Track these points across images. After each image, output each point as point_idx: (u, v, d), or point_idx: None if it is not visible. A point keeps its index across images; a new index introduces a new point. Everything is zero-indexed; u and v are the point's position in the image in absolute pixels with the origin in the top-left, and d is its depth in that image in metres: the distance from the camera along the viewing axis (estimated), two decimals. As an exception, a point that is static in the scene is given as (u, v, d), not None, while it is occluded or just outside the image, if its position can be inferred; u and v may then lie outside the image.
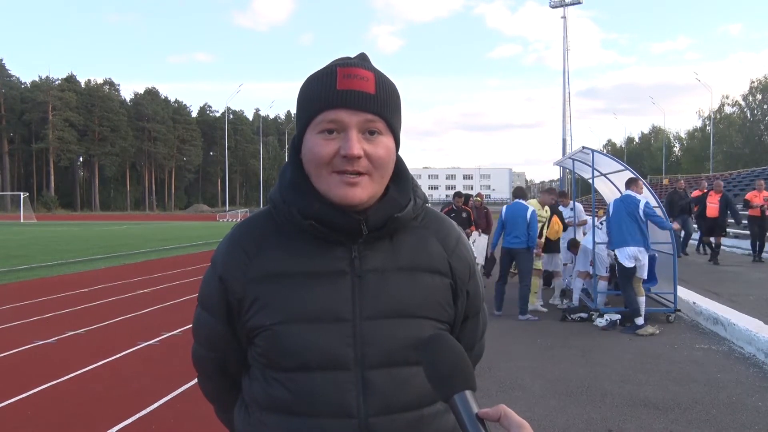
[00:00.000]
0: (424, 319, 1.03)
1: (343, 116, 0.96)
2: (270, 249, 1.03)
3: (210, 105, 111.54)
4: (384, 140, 0.99)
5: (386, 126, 1.00)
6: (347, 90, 0.96)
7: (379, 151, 0.98)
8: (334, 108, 0.96)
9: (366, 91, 0.97)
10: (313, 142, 0.98)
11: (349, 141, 0.95)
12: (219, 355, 1.10)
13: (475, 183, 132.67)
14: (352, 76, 0.97)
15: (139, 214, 76.33)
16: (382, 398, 0.99)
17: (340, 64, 0.99)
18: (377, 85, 0.99)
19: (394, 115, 1.01)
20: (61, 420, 3.98)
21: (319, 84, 0.98)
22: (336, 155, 0.96)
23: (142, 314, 7.71)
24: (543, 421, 3.94)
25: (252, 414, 1.05)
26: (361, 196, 0.97)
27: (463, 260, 1.10)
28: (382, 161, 0.99)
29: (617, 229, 6.67)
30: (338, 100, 0.96)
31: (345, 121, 0.96)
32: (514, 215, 7.55)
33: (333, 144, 0.96)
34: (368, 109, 0.97)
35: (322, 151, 0.96)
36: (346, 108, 0.96)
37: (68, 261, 14.62)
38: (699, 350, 5.78)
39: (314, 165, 0.98)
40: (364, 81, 0.97)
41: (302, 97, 1.01)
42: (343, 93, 0.96)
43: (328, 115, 0.96)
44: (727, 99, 71.17)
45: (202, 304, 1.09)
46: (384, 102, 0.99)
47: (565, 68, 63.34)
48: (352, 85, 0.96)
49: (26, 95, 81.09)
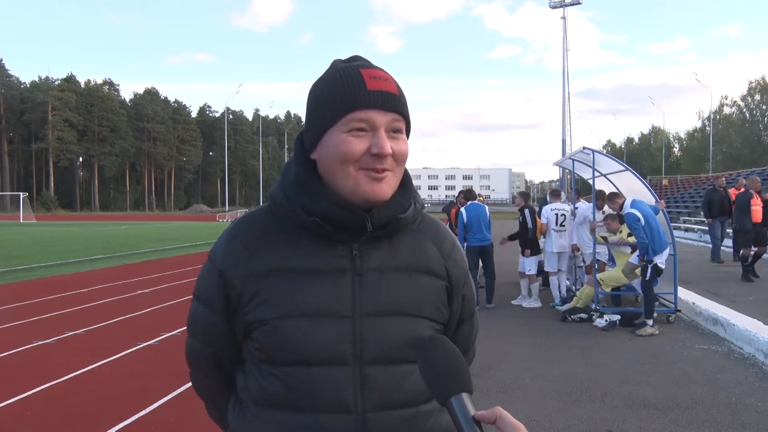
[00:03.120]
0: (421, 318, 1.05)
1: (374, 116, 0.99)
2: (270, 244, 1.04)
3: (210, 105, 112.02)
4: (404, 138, 1.04)
5: (405, 125, 1.04)
6: (378, 91, 1.00)
7: (403, 148, 1.02)
8: (365, 108, 0.99)
9: (392, 92, 1.01)
10: (341, 139, 0.99)
11: (381, 140, 0.98)
12: (215, 350, 1.11)
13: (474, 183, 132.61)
14: (378, 78, 1.01)
15: (138, 214, 76.28)
16: (379, 394, 1.00)
17: (362, 66, 1.03)
18: (397, 86, 1.03)
19: (408, 115, 1.06)
20: (60, 420, 3.98)
21: (346, 85, 1.00)
22: (365, 153, 0.99)
23: (142, 314, 7.71)
24: (543, 421, 3.95)
25: (247, 410, 1.06)
26: (387, 191, 1.01)
27: (459, 265, 1.13)
28: (404, 158, 1.03)
29: (657, 234, 6.49)
30: (370, 101, 0.99)
31: (376, 120, 0.99)
32: (477, 216, 8.21)
33: (363, 142, 0.99)
34: (395, 108, 1.01)
35: (354, 148, 0.98)
36: (377, 108, 0.99)
37: (68, 261, 14.62)
38: (699, 351, 5.78)
39: (340, 162, 1.00)
40: (387, 82, 1.01)
41: (325, 97, 1.02)
42: (374, 94, 0.99)
43: (358, 115, 0.99)
44: (726, 99, 71.25)
45: (200, 298, 1.09)
46: (404, 102, 1.04)
47: (565, 68, 63.37)
48: (381, 86, 1.00)
49: (26, 95, 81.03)
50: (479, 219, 8.22)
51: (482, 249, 8.22)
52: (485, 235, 8.22)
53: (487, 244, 8.24)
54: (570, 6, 63.65)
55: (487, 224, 8.28)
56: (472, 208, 8.39)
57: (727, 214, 12.42)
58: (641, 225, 6.45)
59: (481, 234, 8.20)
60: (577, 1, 62.85)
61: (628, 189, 8.73)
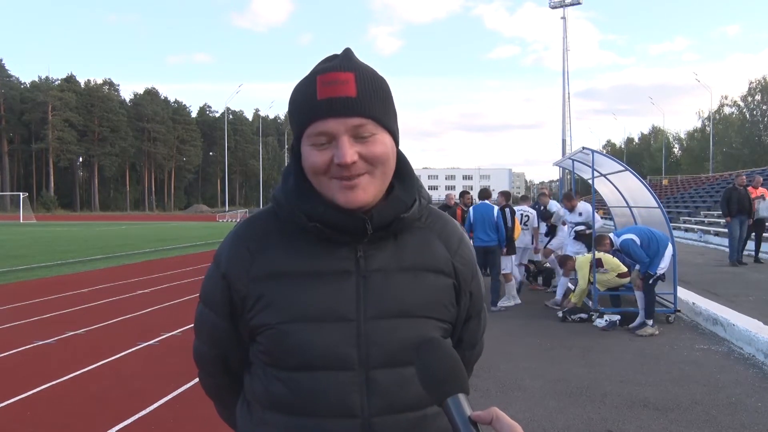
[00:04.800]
0: (428, 318, 1.03)
1: (331, 126, 0.94)
2: (274, 247, 1.03)
3: (210, 105, 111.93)
4: (378, 138, 0.97)
5: (377, 125, 0.97)
6: (327, 99, 0.94)
7: (375, 150, 0.96)
8: (320, 119, 0.95)
9: (347, 96, 0.94)
10: (307, 153, 0.98)
11: (341, 149, 0.94)
12: (221, 352, 1.10)
13: (474, 183, 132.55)
14: (331, 82, 0.95)
15: (138, 214, 76.28)
16: (385, 398, 0.99)
17: (320, 70, 0.97)
18: (358, 86, 0.96)
19: (384, 112, 0.99)
20: (61, 420, 3.98)
21: (302, 95, 0.98)
22: (331, 163, 0.96)
23: (142, 314, 7.70)
24: (543, 421, 3.94)
25: (254, 413, 1.05)
26: (363, 197, 0.97)
27: (467, 261, 1.11)
28: (379, 159, 0.97)
29: (654, 245, 6.65)
30: (321, 110, 0.94)
31: (333, 130, 0.94)
32: (483, 216, 8.10)
33: (326, 153, 0.95)
34: (353, 113, 0.94)
35: (317, 161, 0.96)
36: (330, 117, 0.94)
37: (68, 261, 14.61)
38: (698, 351, 5.78)
39: (312, 174, 0.99)
40: (344, 85, 0.95)
41: (290, 109, 1.01)
42: (323, 102, 0.94)
43: (315, 128, 0.95)
44: (726, 99, 71.24)
45: (205, 301, 1.09)
46: (368, 102, 0.96)
47: (565, 68, 63.40)
48: (332, 92, 0.94)
49: (26, 95, 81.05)
50: (484, 219, 8.07)
51: (486, 250, 8.02)
52: (490, 235, 8.04)
53: (492, 245, 8.03)
54: (570, 6, 63.72)
55: (493, 225, 8.08)
56: (480, 207, 8.26)
57: (746, 213, 12.13)
58: (638, 245, 6.57)
59: (485, 234, 8.03)
60: (577, 1, 62.89)
61: (627, 189, 8.75)
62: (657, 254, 6.57)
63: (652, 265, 6.56)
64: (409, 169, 1.07)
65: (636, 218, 8.82)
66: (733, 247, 12.23)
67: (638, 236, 6.66)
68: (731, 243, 12.35)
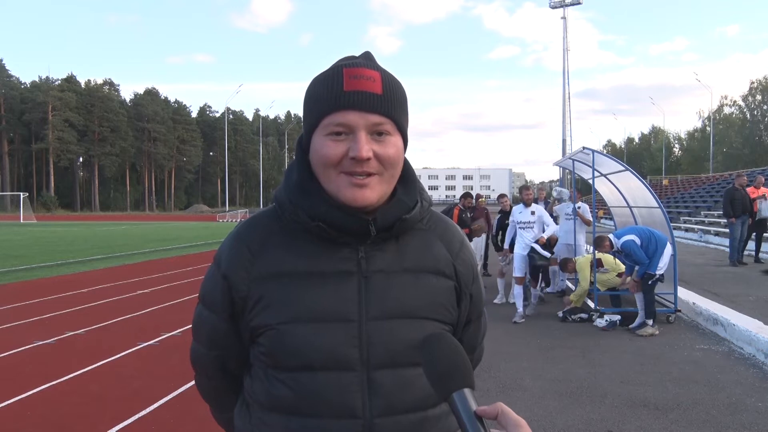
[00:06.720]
0: (429, 320, 1.03)
1: (352, 118, 0.95)
2: (275, 248, 1.02)
3: (210, 105, 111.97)
4: (393, 140, 0.98)
5: (394, 126, 0.98)
6: (355, 91, 0.95)
7: (389, 151, 0.97)
8: (342, 110, 0.95)
9: (373, 92, 0.95)
10: (321, 143, 0.97)
11: (358, 143, 0.94)
12: (220, 354, 1.10)
13: (474, 183, 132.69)
14: (359, 77, 0.95)
15: (138, 214, 76.23)
16: (387, 399, 0.98)
17: (345, 65, 0.98)
18: (384, 85, 0.97)
19: (402, 115, 1.00)
20: (60, 420, 3.98)
21: (326, 85, 0.97)
22: (345, 157, 0.95)
23: (142, 314, 7.70)
24: (543, 421, 3.94)
25: (253, 414, 1.05)
26: (370, 197, 0.97)
27: (467, 264, 1.11)
28: (391, 161, 0.98)
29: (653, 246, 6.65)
30: (346, 102, 0.95)
31: (353, 123, 0.95)
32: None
33: (342, 146, 0.95)
34: (376, 110, 0.96)
35: (331, 152, 0.96)
36: (354, 110, 0.95)
37: (68, 261, 14.61)
38: (699, 351, 5.77)
39: (322, 166, 0.98)
40: (371, 81, 0.96)
41: (309, 99, 1.00)
42: (350, 94, 0.95)
43: (336, 118, 0.95)
44: (726, 99, 71.21)
45: (204, 301, 1.08)
46: (391, 102, 0.97)
47: (565, 68, 63.43)
48: (360, 86, 0.95)
49: (26, 95, 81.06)
50: None
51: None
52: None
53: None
54: (570, 6, 63.75)
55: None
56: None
57: (748, 213, 12.11)
58: (639, 246, 6.58)
59: None
60: (577, 2, 62.92)
61: (628, 189, 8.75)
62: (656, 254, 6.57)
63: (651, 265, 6.57)
64: (412, 172, 1.08)
65: (636, 218, 8.82)
66: (733, 247, 12.23)
67: (638, 236, 6.67)
68: (732, 243, 12.37)
